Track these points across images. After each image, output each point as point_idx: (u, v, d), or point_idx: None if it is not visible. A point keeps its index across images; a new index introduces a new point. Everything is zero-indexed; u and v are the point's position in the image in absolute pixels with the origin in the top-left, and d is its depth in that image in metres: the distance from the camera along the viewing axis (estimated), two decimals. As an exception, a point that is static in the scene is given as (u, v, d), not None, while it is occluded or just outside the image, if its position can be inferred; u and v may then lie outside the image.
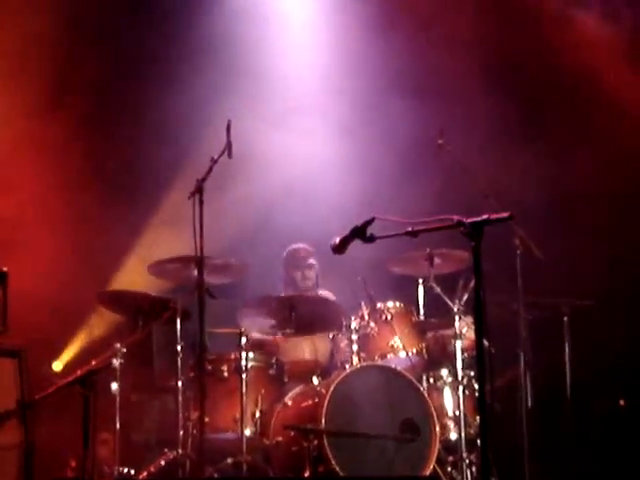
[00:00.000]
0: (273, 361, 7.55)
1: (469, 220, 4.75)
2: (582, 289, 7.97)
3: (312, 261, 8.16)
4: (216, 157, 6.84)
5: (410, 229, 4.95)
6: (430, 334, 7.66)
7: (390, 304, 7.58)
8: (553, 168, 8.35)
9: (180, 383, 7.28)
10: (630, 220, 8.25)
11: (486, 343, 6.94)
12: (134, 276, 8.35)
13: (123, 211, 8.72)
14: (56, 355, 8.38)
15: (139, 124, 8.73)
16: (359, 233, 5.04)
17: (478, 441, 6.80)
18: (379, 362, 7.37)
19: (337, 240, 5.13)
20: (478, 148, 8.03)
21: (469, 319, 7.21)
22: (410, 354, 7.45)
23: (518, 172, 8.25)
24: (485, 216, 4.75)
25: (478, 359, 4.85)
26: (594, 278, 8.10)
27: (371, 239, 5.03)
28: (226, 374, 7.39)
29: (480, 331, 4.81)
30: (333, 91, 8.80)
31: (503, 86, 8.59)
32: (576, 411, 7.71)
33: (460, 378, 7.33)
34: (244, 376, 7.28)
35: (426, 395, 7.12)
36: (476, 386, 7.00)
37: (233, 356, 7.39)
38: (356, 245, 5.10)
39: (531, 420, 7.24)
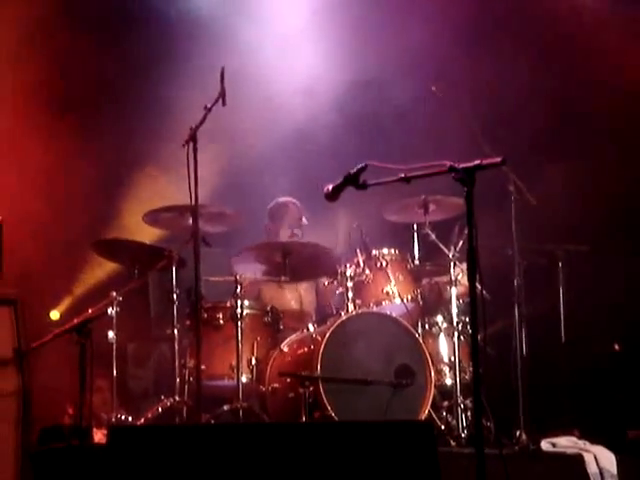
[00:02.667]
0: (268, 308, 7.58)
1: (461, 166, 4.75)
2: (576, 235, 8.00)
3: (304, 220, 8.13)
4: (210, 105, 6.82)
5: (403, 175, 4.94)
6: (425, 281, 7.69)
7: (385, 251, 7.60)
8: (548, 112, 8.31)
9: (176, 331, 7.31)
10: (625, 163, 8.24)
11: (480, 289, 7.05)
12: (130, 225, 8.35)
13: (118, 160, 8.72)
14: (53, 304, 8.40)
15: (134, 74, 8.70)
16: (352, 180, 5.03)
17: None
18: (374, 309, 7.41)
19: (330, 187, 5.12)
20: (471, 96, 7.97)
21: (464, 266, 7.23)
22: (405, 301, 7.48)
23: (511, 117, 8.22)
24: (477, 161, 4.74)
25: (471, 304, 4.86)
26: (589, 223, 8.11)
27: (364, 186, 5.02)
28: (222, 322, 7.42)
29: (473, 277, 4.82)
30: (327, 40, 8.75)
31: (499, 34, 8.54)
32: (570, 356, 7.76)
33: (455, 324, 7.38)
34: (240, 324, 7.32)
35: (421, 341, 7.16)
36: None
37: (229, 304, 7.42)
38: (351, 192, 5.09)
39: (525, 365, 7.28)
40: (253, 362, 7.37)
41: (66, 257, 8.40)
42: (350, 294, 7.33)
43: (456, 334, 7.36)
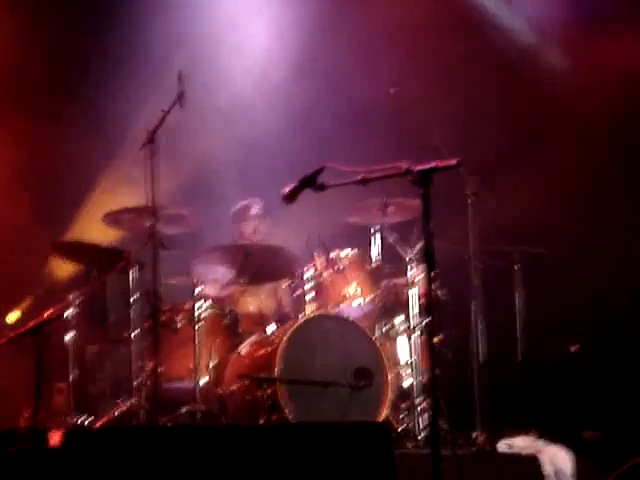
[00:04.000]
0: (227, 311, 7.58)
1: (417, 168, 4.77)
2: (533, 237, 8.06)
3: (263, 215, 8.15)
4: (167, 108, 6.81)
5: (360, 177, 4.96)
6: (384, 282, 7.69)
7: (343, 253, 7.60)
8: (505, 116, 8.38)
9: (134, 334, 7.29)
10: (583, 165, 8.32)
11: (438, 291, 7.09)
12: (89, 227, 8.32)
13: (79, 162, 8.68)
14: (10, 307, 8.35)
15: (91, 78, 8.68)
16: (309, 182, 5.04)
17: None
18: (332, 311, 7.41)
19: (287, 190, 5.13)
20: (430, 99, 8.02)
21: (422, 267, 7.26)
22: (363, 303, 7.50)
23: (470, 120, 8.28)
24: (433, 163, 4.77)
25: (427, 305, 4.89)
26: (545, 226, 8.18)
27: (321, 188, 5.04)
28: (180, 324, 7.40)
29: (429, 278, 4.84)
30: (286, 41, 8.76)
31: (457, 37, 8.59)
32: (527, 358, 7.81)
33: (413, 326, 7.40)
34: (198, 326, 7.31)
35: (378, 344, 7.17)
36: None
37: (187, 306, 7.41)
38: (309, 195, 5.11)
39: (483, 366, 7.31)
40: (211, 364, 7.36)
41: (24, 259, 8.34)
42: (309, 296, 7.34)
43: (414, 336, 7.38)
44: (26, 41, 8.50)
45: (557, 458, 6.86)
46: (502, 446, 7.13)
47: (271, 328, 7.36)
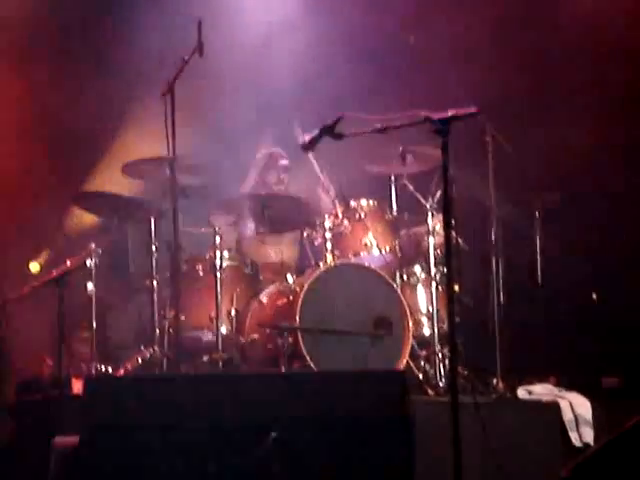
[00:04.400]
0: (248, 260, 7.61)
1: (437, 116, 4.76)
2: (554, 184, 8.03)
3: (285, 162, 8.17)
4: (187, 57, 6.79)
5: (379, 126, 4.95)
6: (403, 231, 7.69)
7: (363, 202, 7.60)
8: (526, 61, 8.31)
9: (155, 282, 7.33)
10: (602, 114, 8.26)
11: (458, 239, 7.09)
12: (109, 177, 8.34)
13: (97, 112, 8.69)
14: (32, 257, 8.41)
15: (110, 28, 8.66)
16: (328, 131, 5.05)
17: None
18: (353, 260, 7.43)
19: (306, 138, 5.14)
20: (449, 47, 7.96)
21: (441, 216, 7.23)
22: (383, 252, 7.50)
23: (489, 66, 8.21)
24: (453, 112, 4.75)
25: (446, 254, 4.90)
26: (566, 172, 8.14)
27: (340, 136, 5.04)
28: (201, 273, 7.45)
29: (448, 226, 4.85)
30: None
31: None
32: (548, 305, 7.81)
33: (433, 275, 7.40)
34: (219, 275, 7.34)
35: (399, 291, 7.18)
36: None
37: (208, 255, 7.44)
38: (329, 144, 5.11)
39: (502, 314, 7.33)
40: (232, 313, 7.40)
41: (45, 209, 8.39)
42: (329, 245, 7.36)
43: (434, 284, 7.38)
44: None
45: (577, 404, 6.89)
46: (522, 393, 7.16)
47: (291, 277, 7.38)
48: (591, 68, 8.31)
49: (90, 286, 7.18)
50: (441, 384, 7.11)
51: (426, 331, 7.47)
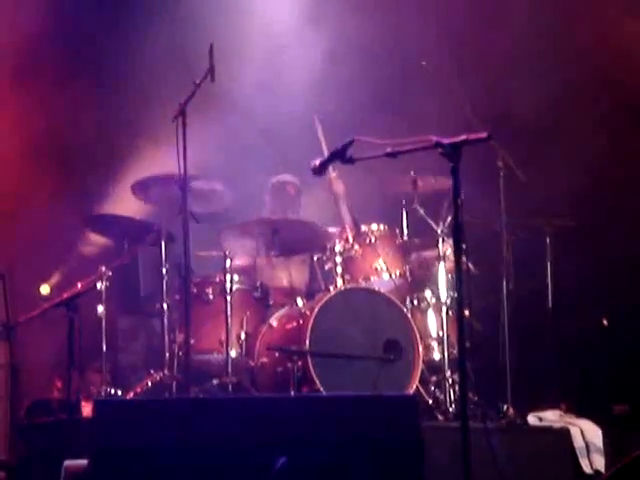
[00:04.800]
0: (258, 284, 7.61)
1: (447, 141, 4.76)
2: (564, 209, 8.02)
3: (299, 199, 8.16)
4: (199, 81, 6.82)
5: (389, 150, 4.95)
6: (414, 256, 7.69)
7: (374, 226, 7.61)
8: (540, 88, 8.31)
9: (165, 306, 7.35)
10: (615, 141, 8.25)
11: (468, 264, 7.08)
12: (120, 199, 8.35)
13: (110, 135, 8.72)
14: (43, 278, 8.42)
15: (124, 48, 8.69)
16: (339, 155, 5.04)
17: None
18: (363, 284, 7.43)
19: (317, 162, 5.14)
20: (462, 70, 7.97)
21: (452, 241, 7.24)
22: (394, 276, 7.50)
23: (501, 93, 8.23)
24: (463, 137, 4.75)
25: (457, 279, 4.88)
26: (577, 198, 8.14)
27: (351, 160, 5.04)
28: (211, 296, 7.46)
29: (459, 252, 4.83)
30: (314, 18, 8.75)
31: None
32: (558, 331, 7.79)
33: (443, 300, 7.40)
34: (229, 298, 7.35)
35: (409, 316, 7.18)
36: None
37: (218, 279, 7.45)
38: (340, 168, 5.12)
39: (513, 340, 7.31)
40: (242, 337, 7.41)
41: (57, 231, 8.41)
42: (339, 269, 7.36)
43: (444, 309, 7.38)
44: (50, 5, 8.51)
45: (587, 431, 6.86)
46: (532, 419, 7.13)
47: (301, 301, 7.38)
48: (607, 95, 8.32)
49: (100, 309, 7.19)
50: (451, 409, 7.09)
51: (436, 356, 7.47)
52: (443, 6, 8.43)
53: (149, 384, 7.21)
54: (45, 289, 8.33)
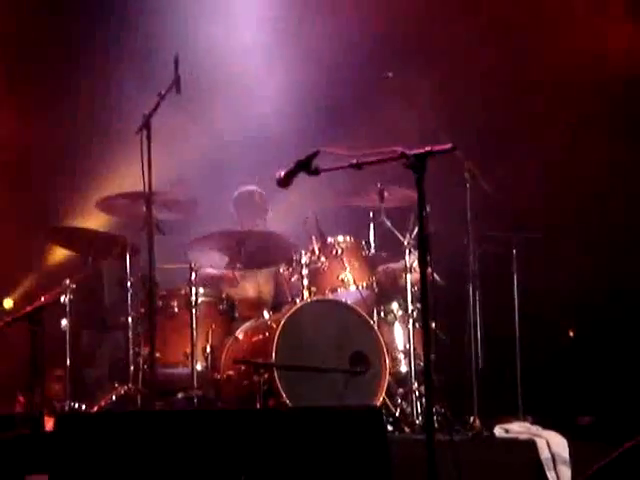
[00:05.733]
0: (223, 296, 7.58)
1: (412, 152, 4.74)
2: (531, 222, 8.04)
3: (266, 206, 8.13)
4: (163, 92, 6.78)
5: (355, 161, 4.93)
6: (380, 268, 7.69)
7: (340, 238, 7.58)
8: (503, 99, 8.35)
9: (130, 319, 7.29)
10: (581, 151, 8.29)
11: (434, 276, 7.07)
12: (84, 212, 8.30)
13: (73, 147, 8.67)
14: (6, 292, 8.34)
15: (87, 62, 8.66)
16: (304, 166, 5.00)
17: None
18: (329, 296, 7.40)
19: (282, 173, 5.10)
20: (428, 83, 8.00)
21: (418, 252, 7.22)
22: (360, 288, 7.48)
23: (468, 103, 8.25)
24: (428, 148, 4.74)
25: (422, 290, 4.86)
26: (543, 211, 8.16)
27: (316, 172, 5.00)
28: (176, 309, 7.42)
29: (424, 263, 4.81)
30: (283, 30, 8.75)
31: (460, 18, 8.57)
32: (524, 342, 7.79)
33: (410, 312, 7.39)
34: (194, 311, 7.31)
35: (376, 328, 7.16)
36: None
37: (183, 291, 7.41)
38: (306, 179, 5.09)
39: (479, 352, 7.31)
40: (208, 350, 7.37)
41: (19, 245, 8.34)
42: (305, 281, 7.33)
43: (411, 321, 7.37)
44: (23, 28, 8.47)
45: (554, 443, 6.85)
46: (499, 431, 7.13)
47: (267, 313, 7.34)
48: (575, 103, 8.36)
49: (64, 322, 7.12)
50: (418, 421, 7.08)
51: (403, 368, 7.48)
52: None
53: (114, 398, 7.15)
54: (8, 303, 8.25)
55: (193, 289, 7.34)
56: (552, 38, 8.42)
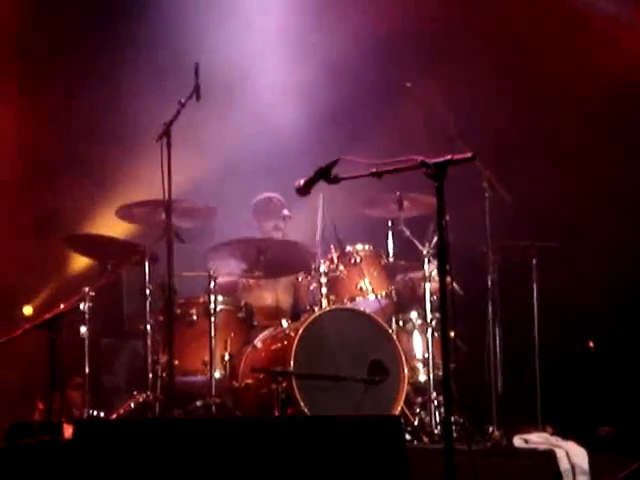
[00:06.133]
0: (242, 304, 7.57)
1: (432, 161, 4.74)
2: (550, 231, 8.02)
3: (286, 212, 8.12)
4: (184, 100, 6.80)
5: (374, 170, 4.93)
6: (399, 277, 7.68)
7: (359, 247, 7.58)
8: (522, 111, 8.34)
9: (149, 327, 7.29)
10: (598, 164, 8.28)
11: (455, 286, 7.05)
12: (104, 220, 8.32)
13: (93, 155, 8.69)
14: (26, 299, 8.36)
15: (107, 69, 8.69)
16: (324, 174, 5.02)
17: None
18: (348, 305, 7.39)
19: (301, 181, 5.11)
20: (447, 92, 7.99)
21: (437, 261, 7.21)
22: (379, 297, 7.47)
23: (487, 113, 8.24)
24: (448, 156, 4.74)
25: (441, 299, 4.86)
26: (562, 220, 8.14)
27: (336, 180, 5.02)
28: (195, 317, 7.41)
29: (443, 272, 4.81)
30: (299, 39, 8.76)
31: (475, 28, 8.57)
32: (543, 352, 7.76)
33: (429, 321, 7.37)
34: (213, 319, 7.31)
35: (395, 337, 7.15)
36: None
37: (202, 299, 7.40)
38: (325, 188, 5.10)
39: (498, 361, 7.29)
40: (226, 358, 7.36)
41: (39, 252, 8.36)
42: (324, 290, 7.32)
43: (430, 330, 7.36)
44: (39, 36, 8.51)
45: (573, 453, 6.82)
46: (518, 441, 7.10)
47: (286, 322, 7.34)
48: (592, 118, 8.35)
49: (83, 330, 7.13)
50: (436, 431, 7.06)
51: (422, 377, 7.44)
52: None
53: (132, 405, 7.15)
54: (28, 310, 8.28)
55: (212, 297, 7.34)
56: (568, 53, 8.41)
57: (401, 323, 7.58)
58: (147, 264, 7.31)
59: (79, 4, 8.66)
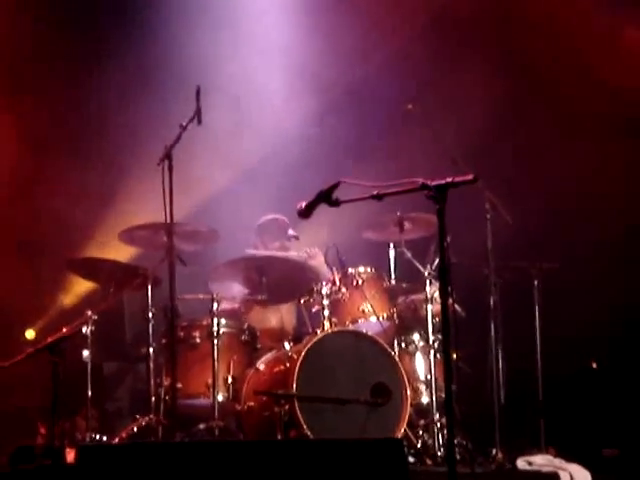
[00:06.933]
0: (245, 327, 7.56)
1: (433, 183, 4.75)
2: (551, 252, 8.02)
3: (292, 232, 8.13)
4: (185, 123, 6.82)
5: (375, 193, 4.95)
6: (401, 299, 7.68)
7: (361, 269, 7.59)
8: (522, 133, 8.37)
9: (152, 350, 7.29)
10: (599, 183, 8.29)
11: (456, 307, 7.06)
12: (105, 243, 8.33)
13: (95, 177, 8.71)
14: (28, 323, 8.36)
15: (107, 90, 8.71)
16: (325, 197, 5.03)
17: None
18: (350, 327, 7.39)
19: (303, 204, 5.12)
20: (448, 115, 8.02)
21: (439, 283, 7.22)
22: (381, 319, 7.47)
23: (487, 136, 8.27)
24: (449, 179, 4.75)
25: (443, 321, 4.86)
26: (562, 241, 8.15)
27: (336, 203, 5.03)
28: (198, 340, 7.40)
29: (445, 293, 4.82)
30: (299, 60, 8.79)
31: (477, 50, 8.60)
32: (547, 374, 7.75)
33: (431, 342, 7.37)
34: (216, 342, 7.30)
35: (397, 359, 7.14)
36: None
37: (205, 322, 7.40)
38: (326, 211, 5.10)
39: (502, 383, 7.27)
40: (229, 381, 7.35)
41: (41, 276, 8.37)
42: (326, 312, 7.32)
43: (432, 352, 7.35)
44: (38, 56, 8.54)
45: (577, 476, 6.80)
46: (521, 463, 7.08)
47: (289, 344, 7.33)
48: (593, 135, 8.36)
49: (86, 353, 7.13)
50: (439, 453, 7.04)
51: (424, 399, 7.43)
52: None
53: (135, 429, 7.14)
54: (30, 334, 8.28)
55: (215, 320, 7.34)
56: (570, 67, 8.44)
57: (403, 345, 7.59)
58: (149, 287, 7.32)
59: (79, 28, 8.68)
